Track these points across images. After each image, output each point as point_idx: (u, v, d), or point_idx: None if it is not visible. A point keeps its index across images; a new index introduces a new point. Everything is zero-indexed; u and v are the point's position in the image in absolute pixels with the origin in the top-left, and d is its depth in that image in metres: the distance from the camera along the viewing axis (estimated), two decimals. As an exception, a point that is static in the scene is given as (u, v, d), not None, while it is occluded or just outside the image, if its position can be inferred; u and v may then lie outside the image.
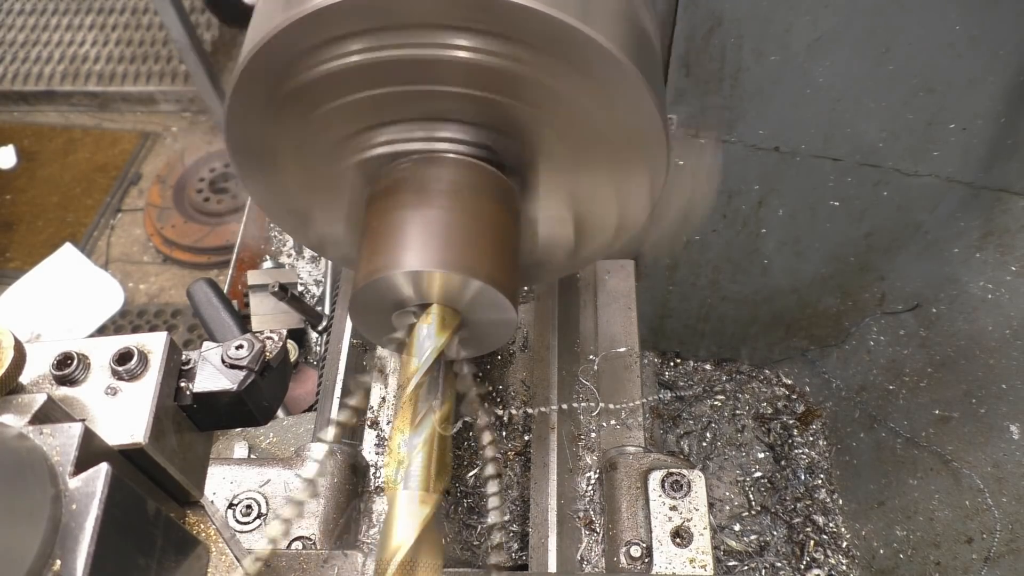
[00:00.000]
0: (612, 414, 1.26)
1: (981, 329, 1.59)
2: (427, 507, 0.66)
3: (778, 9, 1.25)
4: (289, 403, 1.65)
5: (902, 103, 1.38)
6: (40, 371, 0.64)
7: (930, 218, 1.60)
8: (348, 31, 0.68)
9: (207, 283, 1.54)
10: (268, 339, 0.70)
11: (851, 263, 1.78)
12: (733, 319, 2.08)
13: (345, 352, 1.29)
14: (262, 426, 1.32)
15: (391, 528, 0.66)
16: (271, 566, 0.91)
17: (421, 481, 0.67)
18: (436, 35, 0.68)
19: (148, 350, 0.65)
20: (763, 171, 1.58)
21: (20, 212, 3.38)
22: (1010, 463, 1.52)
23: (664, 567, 1.01)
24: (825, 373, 2.13)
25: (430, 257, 0.73)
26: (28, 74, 3.71)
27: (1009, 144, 1.40)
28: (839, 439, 2.09)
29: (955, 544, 1.63)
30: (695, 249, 1.84)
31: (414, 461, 0.68)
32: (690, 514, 1.04)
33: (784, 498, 2.07)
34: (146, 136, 3.59)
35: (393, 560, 0.64)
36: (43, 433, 0.52)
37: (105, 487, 0.49)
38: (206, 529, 0.70)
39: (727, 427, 2.20)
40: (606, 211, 0.88)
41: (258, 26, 0.72)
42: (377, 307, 0.78)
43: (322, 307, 1.76)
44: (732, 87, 1.40)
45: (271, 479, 1.11)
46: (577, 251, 0.95)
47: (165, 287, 3.13)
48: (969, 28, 1.24)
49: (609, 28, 0.68)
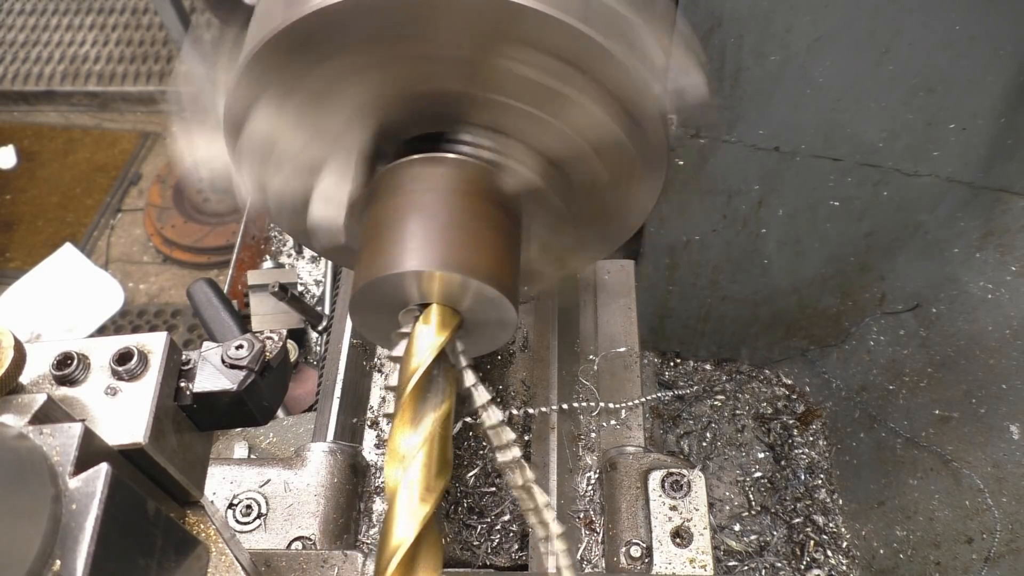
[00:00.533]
0: (612, 414, 1.26)
1: (981, 329, 1.59)
2: (427, 505, 0.66)
3: (778, 9, 1.25)
4: (289, 403, 1.65)
5: (902, 103, 1.38)
6: (40, 371, 0.64)
7: (930, 218, 1.60)
8: (348, 31, 0.68)
9: (207, 283, 1.54)
10: (268, 339, 0.70)
11: (851, 263, 1.78)
12: (733, 319, 2.08)
13: (345, 352, 1.29)
14: (262, 426, 1.32)
15: (391, 526, 0.65)
16: (271, 566, 0.91)
17: (421, 479, 0.67)
18: (437, 35, 0.69)
19: (148, 350, 0.65)
20: (763, 171, 1.58)
21: (20, 212, 3.38)
22: (1010, 463, 1.52)
23: (664, 567, 1.01)
24: (825, 373, 2.13)
25: (431, 257, 0.73)
26: (28, 74, 3.71)
27: (1009, 144, 1.40)
28: (839, 439, 2.09)
29: (955, 544, 1.63)
30: (695, 249, 1.84)
31: (414, 459, 0.68)
32: (690, 514, 1.04)
33: (784, 498, 2.07)
34: (146, 136, 3.59)
35: (393, 558, 0.63)
36: (43, 433, 0.52)
37: (105, 487, 0.49)
38: (206, 529, 0.70)
39: (727, 427, 2.20)
40: (606, 211, 0.88)
41: (258, 26, 0.72)
42: (377, 307, 0.78)
43: (322, 307, 1.76)
44: (732, 87, 1.40)
45: (271, 479, 1.11)
46: (577, 252, 0.95)
47: (165, 287, 3.13)
48: (969, 28, 1.24)
49: (609, 28, 0.68)
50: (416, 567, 0.65)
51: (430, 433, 0.69)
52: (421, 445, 0.68)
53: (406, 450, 0.69)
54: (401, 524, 0.65)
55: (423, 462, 0.68)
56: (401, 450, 0.69)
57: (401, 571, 0.64)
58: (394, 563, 0.63)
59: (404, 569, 0.64)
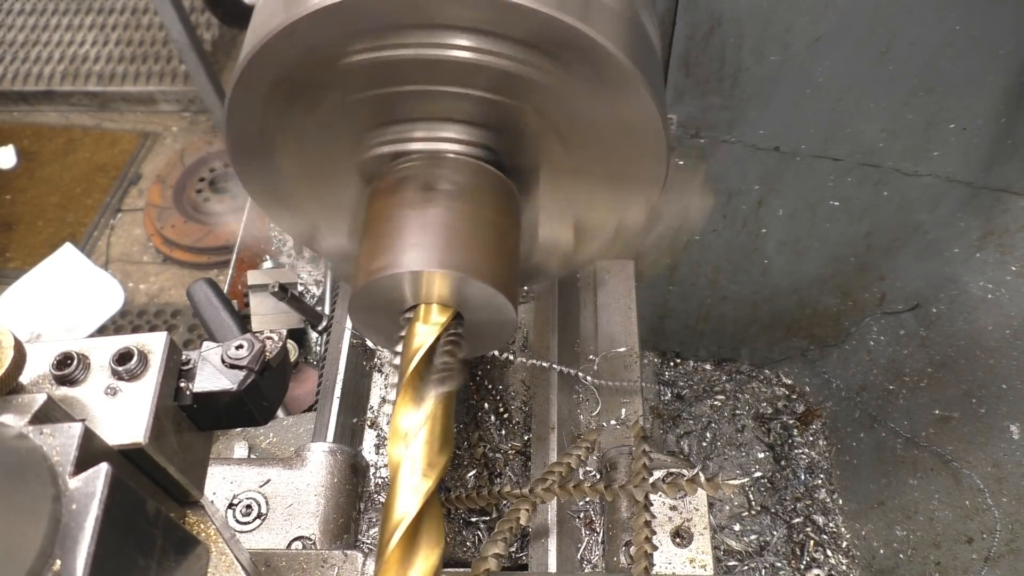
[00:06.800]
0: (612, 414, 1.26)
1: (981, 329, 1.59)
2: (429, 481, 0.67)
3: (778, 9, 1.25)
4: (289, 403, 1.64)
5: (902, 103, 1.38)
6: (40, 371, 0.64)
7: (930, 218, 1.60)
8: (349, 31, 0.68)
9: (207, 283, 1.54)
10: (268, 339, 0.70)
11: (851, 263, 1.78)
12: (733, 319, 2.09)
13: (345, 352, 1.29)
14: (262, 426, 1.32)
15: (394, 501, 0.66)
16: (271, 566, 0.91)
17: (424, 456, 0.68)
18: (437, 35, 0.69)
19: (148, 350, 0.65)
20: (763, 171, 1.58)
21: (20, 212, 3.38)
22: (1010, 463, 1.52)
23: (664, 567, 1.01)
24: (825, 373, 2.13)
25: (430, 257, 0.73)
26: (28, 74, 3.71)
27: (1009, 144, 1.40)
28: (839, 439, 2.09)
29: (955, 544, 1.63)
30: (695, 249, 1.84)
31: (416, 436, 0.68)
32: (690, 514, 1.04)
33: (784, 498, 2.07)
34: (146, 136, 3.59)
35: (396, 532, 0.64)
36: (43, 433, 0.52)
37: (105, 487, 0.49)
38: (206, 529, 0.70)
39: (727, 427, 2.20)
40: (606, 210, 0.88)
41: (258, 26, 0.72)
42: (377, 307, 0.78)
43: (322, 307, 1.76)
44: (732, 87, 1.40)
45: (271, 479, 1.11)
46: (576, 252, 0.95)
47: (165, 287, 3.13)
48: (969, 28, 1.24)
49: (609, 28, 0.68)
50: (418, 541, 0.65)
51: (432, 411, 0.70)
52: (423, 423, 0.69)
53: (408, 427, 0.69)
54: (404, 499, 0.66)
55: (425, 439, 0.68)
56: (403, 428, 0.69)
57: (403, 545, 0.64)
58: (397, 536, 0.64)
59: (406, 543, 0.64)
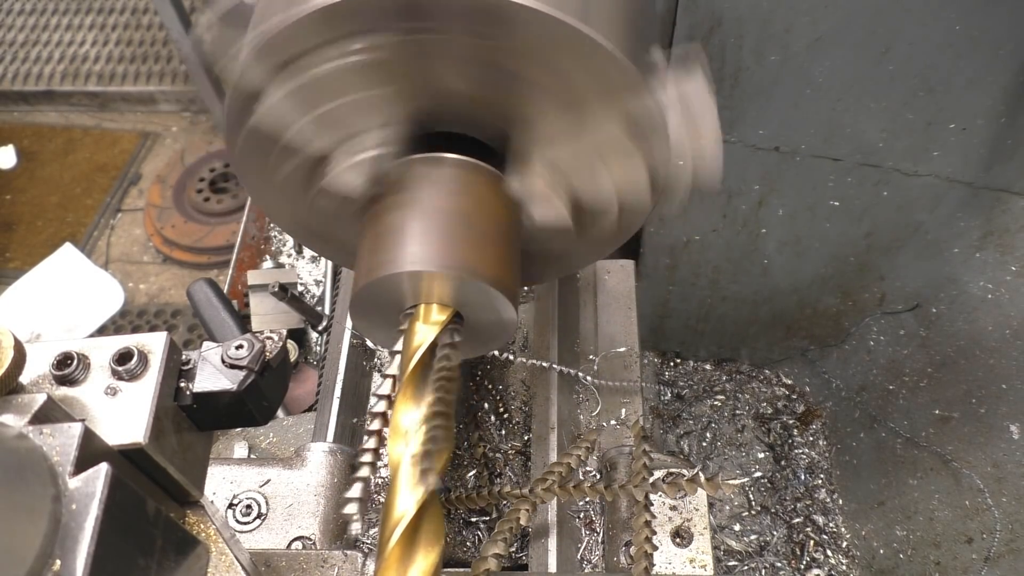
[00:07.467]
0: (612, 414, 1.26)
1: (981, 329, 1.59)
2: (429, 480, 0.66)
3: (778, 9, 1.25)
4: (289, 403, 1.65)
5: (902, 103, 1.38)
6: (40, 371, 0.64)
7: (930, 218, 1.60)
8: (349, 31, 0.68)
9: (207, 283, 1.54)
10: (268, 339, 0.70)
11: (851, 263, 1.78)
12: (733, 319, 2.08)
13: (345, 352, 1.29)
14: (262, 426, 1.32)
15: (394, 500, 0.66)
16: (271, 566, 0.91)
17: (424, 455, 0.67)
18: (438, 35, 0.69)
19: (148, 350, 0.65)
20: (763, 171, 1.58)
21: (20, 212, 3.38)
22: (1010, 463, 1.52)
23: (664, 567, 1.01)
24: (825, 373, 2.13)
25: (430, 257, 0.73)
26: (28, 74, 3.71)
27: (1009, 144, 1.40)
28: (839, 439, 2.09)
29: (955, 544, 1.63)
30: (695, 249, 1.84)
31: (416, 435, 0.68)
32: (690, 514, 1.04)
33: (784, 498, 2.07)
34: (146, 136, 3.59)
35: (396, 530, 0.64)
36: (43, 433, 0.52)
37: (105, 487, 0.49)
38: (206, 529, 0.70)
39: (727, 427, 2.20)
40: (605, 211, 0.88)
41: (259, 26, 0.72)
42: (377, 307, 0.78)
43: (322, 307, 1.76)
44: (732, 87, 1.40)
45: (271, 479, 1.11)
46: (576, 251, 0.95)
47: (165, 287, 3.13)
48: (969, 28, 1.24)
49: (608, 28, 0.68)
50: (418, 539, 0.65)
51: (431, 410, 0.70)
52: (423, 421, 0.69)
53: (408, 426, 0.69)
54: (403, 497, 0.65)
55: (425, 436, 0.68)
56: (403, 426, 0.69)
57: (403, 543, 0.64)
58: (396, 535, 0.64)
59: (406, 541, 0.64)
